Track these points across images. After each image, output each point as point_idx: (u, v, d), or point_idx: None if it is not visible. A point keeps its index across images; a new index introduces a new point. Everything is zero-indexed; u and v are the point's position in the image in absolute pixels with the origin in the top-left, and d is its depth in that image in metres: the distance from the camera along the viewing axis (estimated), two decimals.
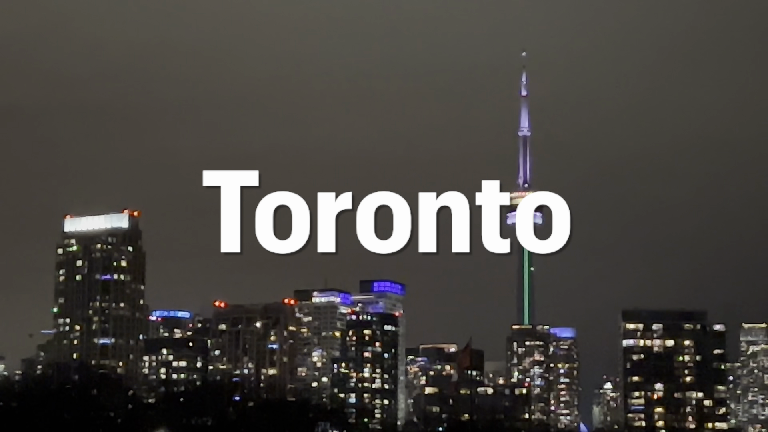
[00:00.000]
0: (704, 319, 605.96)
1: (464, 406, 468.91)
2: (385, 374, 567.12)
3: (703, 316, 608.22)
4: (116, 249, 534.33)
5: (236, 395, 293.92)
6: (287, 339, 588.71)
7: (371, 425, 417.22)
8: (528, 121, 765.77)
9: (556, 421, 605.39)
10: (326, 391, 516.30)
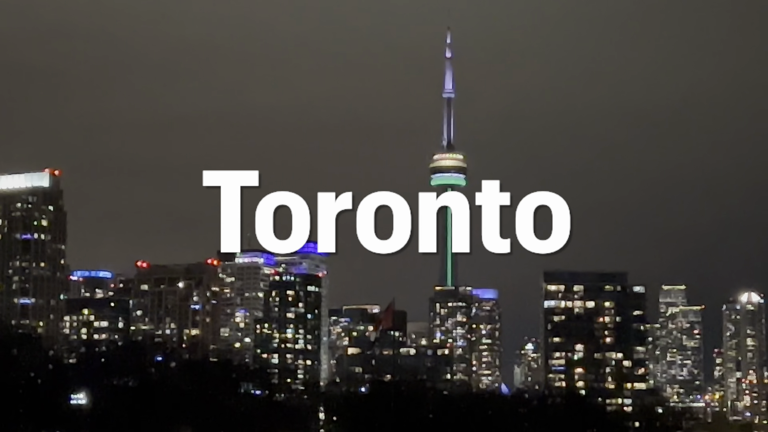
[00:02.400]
0: (624, 281, 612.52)
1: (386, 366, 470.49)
2: (308, 335, 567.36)
3: (623, 278, 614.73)
4: (36, 208, 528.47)
5: (158, 356, 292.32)
6: (210, 299, 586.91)
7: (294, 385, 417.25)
8: (452, 82, 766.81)
9: (478, 382, 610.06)
10: (249, 352, 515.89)
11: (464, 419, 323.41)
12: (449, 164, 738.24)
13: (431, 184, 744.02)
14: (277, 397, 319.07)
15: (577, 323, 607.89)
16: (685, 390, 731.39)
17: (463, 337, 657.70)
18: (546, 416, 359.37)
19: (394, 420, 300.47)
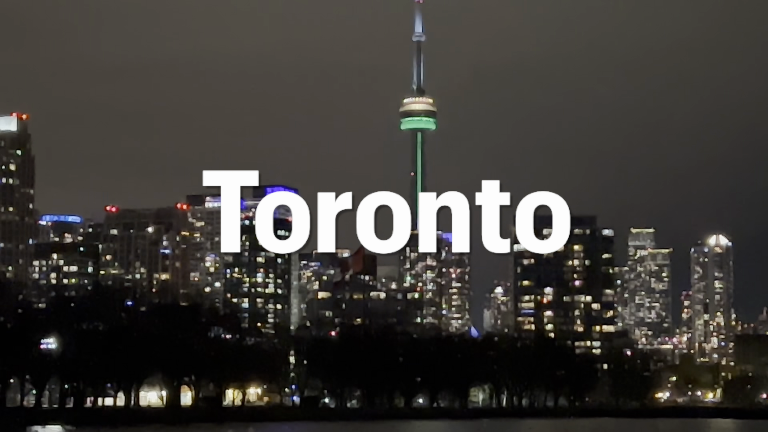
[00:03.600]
0: (593, 224, 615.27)
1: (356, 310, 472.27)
2: (278, 279, 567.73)
3: (592, 222, 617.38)
4: (4, 152, 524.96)
5: (128, 300, 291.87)
6: (180, 244, 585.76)
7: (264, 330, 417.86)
8: (422, 26, 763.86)
9: (448, 325, 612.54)
10: (219, 296, 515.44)
11: (434, 362, 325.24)
12: (419, 108, 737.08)
13: (401, 128, 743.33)
14: (247, 342, 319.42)
15: (546, 267, 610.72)
16: (653, 332, 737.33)
17: (433, 281, 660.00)
18: (515, 359, 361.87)
19: (364, 363, 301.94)
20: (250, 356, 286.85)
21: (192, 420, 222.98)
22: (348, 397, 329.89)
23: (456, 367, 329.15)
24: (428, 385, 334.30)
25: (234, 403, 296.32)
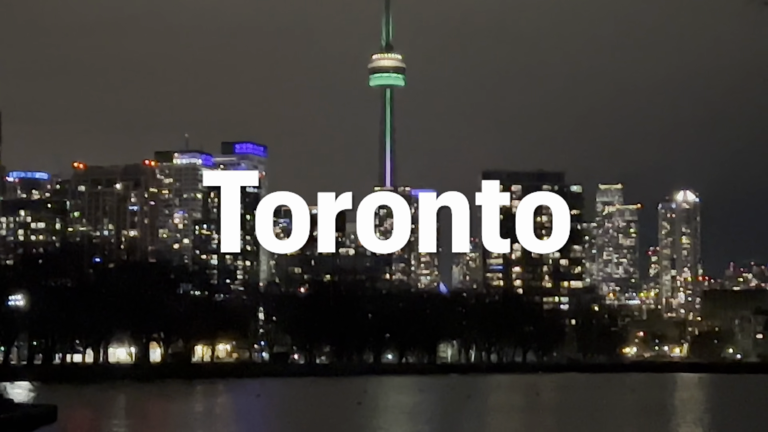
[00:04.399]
0: (562, 180, 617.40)
1: (326, 267, 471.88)
2: (247, 236, 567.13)
3: (561, 178, 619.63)
4: None
5: (96, 257, 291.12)
6: (148, 201, 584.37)
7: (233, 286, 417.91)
8: None
9: (417, 282, 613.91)
10: (188, 253, 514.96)
11: (403, 318, 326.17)
12: (388, 64, 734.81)
13: (370, 85, 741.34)
14: (216, 298, 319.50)
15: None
16: (621, 288, 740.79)
17: None
18: (484, 315, 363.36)
19: (333, 319, 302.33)
20: (219, 313, 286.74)
21: (161, 376, 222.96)
22: (317, 353, 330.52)
23: (425, 324, 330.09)
24: (397, 341, 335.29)
25: (203, 360, 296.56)
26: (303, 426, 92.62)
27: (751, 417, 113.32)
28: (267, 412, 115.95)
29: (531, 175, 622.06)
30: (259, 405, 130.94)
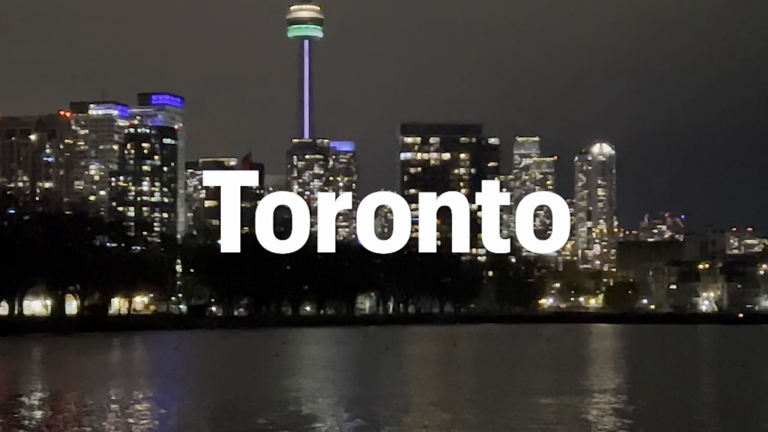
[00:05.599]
0: (479, 133, 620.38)
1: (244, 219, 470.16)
2: (165, 188, 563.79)
3: (478, 130, 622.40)
4: None
5: (11, 209, 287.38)
6: (63, 152, 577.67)
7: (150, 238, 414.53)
8: None
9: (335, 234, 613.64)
10: (104, 205, 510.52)
11: (321, 270, 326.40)
12: (306, 16, 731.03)
13: (288, 36, 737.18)
14: (133, 250, 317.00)
15: (433, 175, 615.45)
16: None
17: (321, 189, 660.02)
18: (402, 267, 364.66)
19: (251, 272, 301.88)
20: (136, 265, 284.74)
21: (77, 329, 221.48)
22: (235, 306, 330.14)
23: (343, 275, 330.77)
24: (315, 292, 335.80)
25: (120, 312, 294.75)
26: (220, 378, 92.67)
27: (661, 364, 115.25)
28: (184, 365, 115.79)
29: (449, 128, 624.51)
30: (176, 357, 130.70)
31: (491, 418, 55.28)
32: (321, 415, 56.88)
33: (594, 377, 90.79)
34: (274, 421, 53.90)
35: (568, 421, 53.48)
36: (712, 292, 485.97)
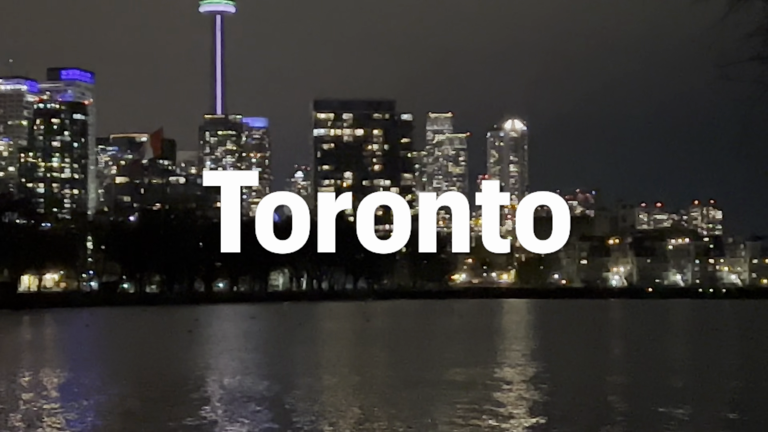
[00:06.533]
0: (392, 109, 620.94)
1: (156, 195, 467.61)
2: (75, 164, 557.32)
3: (391, 106, 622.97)
4: None
5: None
6: None
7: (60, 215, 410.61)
8: None
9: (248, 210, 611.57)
10: (13, 181, 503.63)
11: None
12: None
13: (200, 10, 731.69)
14: (43, 227, 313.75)
15: (346, 151, 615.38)
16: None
17: (234, 165, 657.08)
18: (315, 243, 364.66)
19: (163, 248, 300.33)
20: (46, 242, 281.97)
21: None
22: (147, 283, 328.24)
23: (256, 252, 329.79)
24: (228, 269, 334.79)
25: (30, 289, 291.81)
26: (132, 355, 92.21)
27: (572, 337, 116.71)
28: (96, 342, 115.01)
29: (362, 104, 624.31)
30: (87, 335, 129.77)
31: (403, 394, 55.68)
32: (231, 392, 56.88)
33: (503, 351, 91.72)
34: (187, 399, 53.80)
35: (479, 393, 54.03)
36: (622, 267, 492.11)
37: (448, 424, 43.36)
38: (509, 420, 44.76)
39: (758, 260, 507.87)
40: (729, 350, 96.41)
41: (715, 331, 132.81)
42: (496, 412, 47.24)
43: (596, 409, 48.60)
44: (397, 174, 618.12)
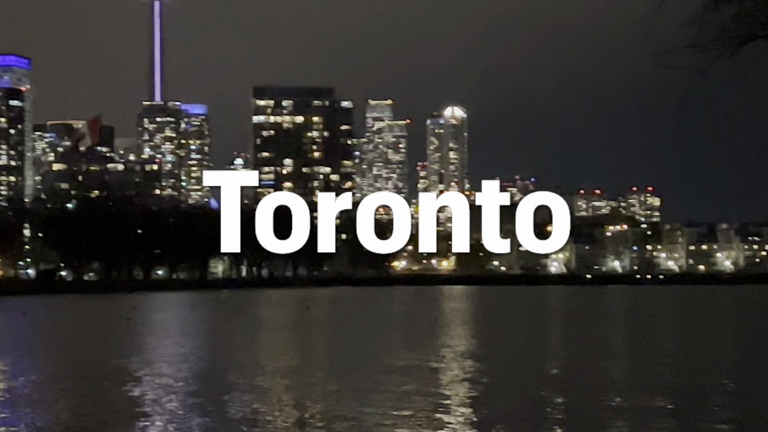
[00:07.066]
0: (332, 96, 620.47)
1: (94, 182, 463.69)
2: (12, 150, 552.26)
3: (331, 93, 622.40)
4: None
5: None
6: None
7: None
8: None
9: (188, 197, 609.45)
10: None
11: (173, 234, 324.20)
12: None
13: None
14: None
15: (285, 138, 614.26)
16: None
17: (172, 152, 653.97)
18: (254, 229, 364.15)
19: (102, 235, 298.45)
20: None
21: None
22: (85, 270, 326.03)
23: (195, 239, 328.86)
24: (168, 256, 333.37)
25: None
26: (69, 343, 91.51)
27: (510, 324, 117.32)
28: (33, 330, 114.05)
29: (302, 91, 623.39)
30: (24, 323, 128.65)
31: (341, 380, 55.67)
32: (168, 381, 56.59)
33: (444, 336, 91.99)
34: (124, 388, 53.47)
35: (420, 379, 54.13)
36: (561, 254, 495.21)
37: (386, 410, 43.39)
38: (447, 406, 44.88)
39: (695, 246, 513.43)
40: (664, 336, 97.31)
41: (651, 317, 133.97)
42: (435, 398, 47.33)
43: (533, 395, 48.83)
44: (337, 161, 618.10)
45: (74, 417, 43.97)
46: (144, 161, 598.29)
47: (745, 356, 74.34)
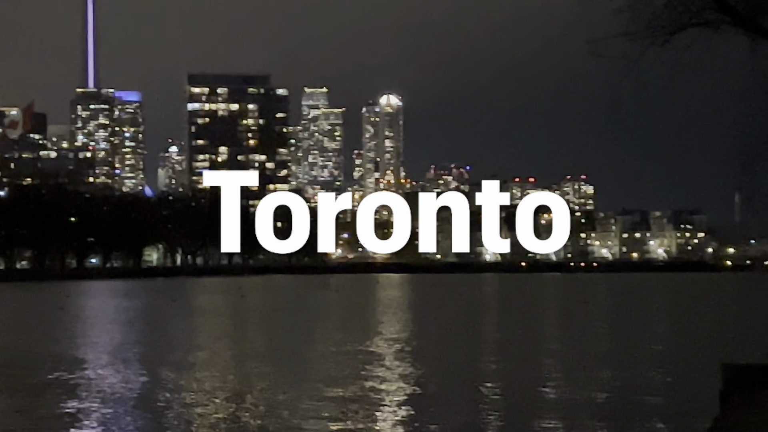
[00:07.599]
0: (267, 83, 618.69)
1: (26, 170, 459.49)
2: None
3: (267, 81, 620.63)
4: None
5: None
6: None
7: None
8: None
9: (122, 185, 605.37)
10: None
11: (107, 222, 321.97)
12: None
13: None
14: None
15: (220, 126, 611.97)
16: (326, 190, 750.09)
17: (106, 140, 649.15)
18: (190, 218, 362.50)
19: (34, 223, 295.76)
20: None
21: None
22: (17, 258, 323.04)
23: (130, 227, 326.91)
24: (101, 244, 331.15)
25: None
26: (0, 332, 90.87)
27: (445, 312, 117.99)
28: None
29: (237, 78, 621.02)
30: None
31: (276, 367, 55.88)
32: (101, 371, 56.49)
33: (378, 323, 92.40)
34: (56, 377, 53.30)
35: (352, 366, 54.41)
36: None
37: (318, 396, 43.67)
38: (381, 392, 45.22)
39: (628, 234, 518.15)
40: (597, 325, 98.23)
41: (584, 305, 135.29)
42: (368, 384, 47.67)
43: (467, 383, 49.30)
44: (273, 149, 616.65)
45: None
46: (77, 149, 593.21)
47: (671, 347, 75.37)
